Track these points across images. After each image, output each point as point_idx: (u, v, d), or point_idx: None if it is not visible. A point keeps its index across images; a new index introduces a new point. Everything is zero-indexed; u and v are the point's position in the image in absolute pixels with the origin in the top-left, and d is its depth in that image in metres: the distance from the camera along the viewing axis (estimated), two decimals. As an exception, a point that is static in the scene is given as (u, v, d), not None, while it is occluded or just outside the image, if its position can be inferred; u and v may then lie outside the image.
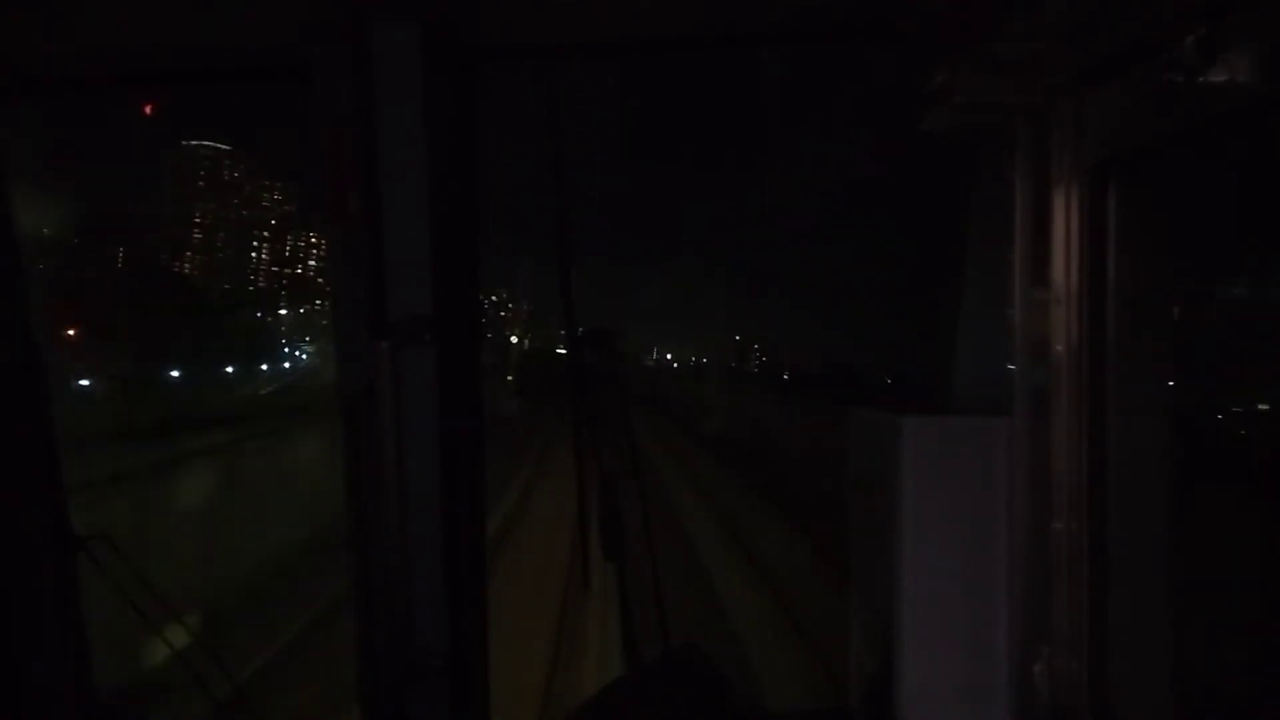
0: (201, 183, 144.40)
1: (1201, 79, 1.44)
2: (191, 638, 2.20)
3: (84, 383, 38.72)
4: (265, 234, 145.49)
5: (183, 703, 2.49)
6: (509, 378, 51.62)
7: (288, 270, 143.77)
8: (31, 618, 2.06)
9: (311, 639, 9.36)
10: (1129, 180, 1.78)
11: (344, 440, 1.92)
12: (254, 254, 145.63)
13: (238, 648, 8.10)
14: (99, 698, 2.20)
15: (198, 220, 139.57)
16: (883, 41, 2.12)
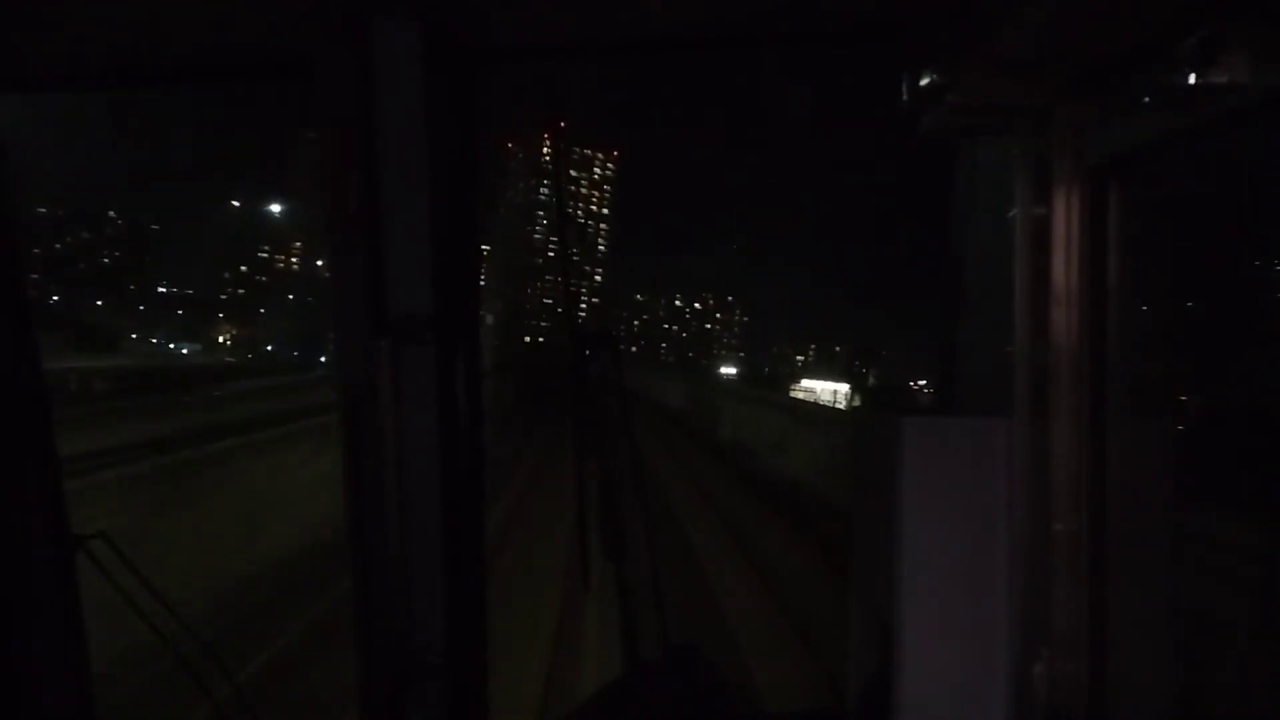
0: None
1: (1201, 80, 1.44)
2: (192, 638, 2.20)
3: None
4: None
5: (182, 703, 2.48)
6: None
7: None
8: (30, 617, 2.05)
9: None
10: (1129, 180, 1.78)
11: (343, 439, 1.92)
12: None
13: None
14: (97, 698, 2.20)
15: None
16: (883, 41, 2.12)
